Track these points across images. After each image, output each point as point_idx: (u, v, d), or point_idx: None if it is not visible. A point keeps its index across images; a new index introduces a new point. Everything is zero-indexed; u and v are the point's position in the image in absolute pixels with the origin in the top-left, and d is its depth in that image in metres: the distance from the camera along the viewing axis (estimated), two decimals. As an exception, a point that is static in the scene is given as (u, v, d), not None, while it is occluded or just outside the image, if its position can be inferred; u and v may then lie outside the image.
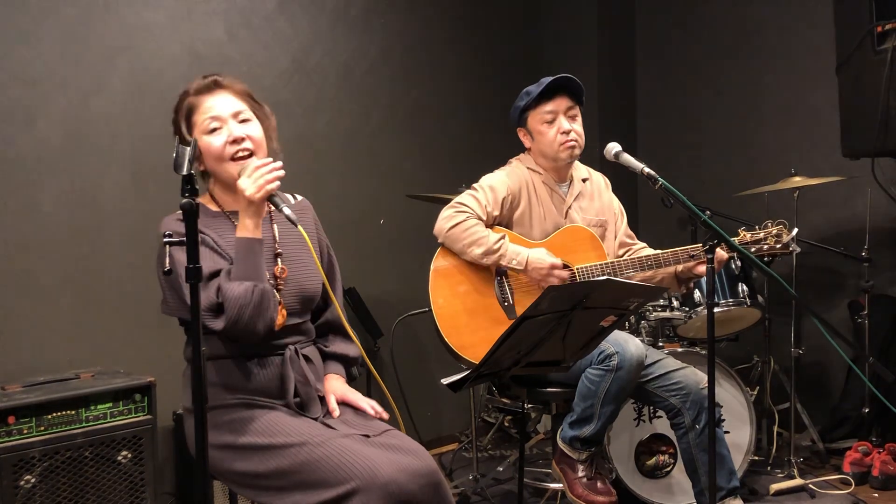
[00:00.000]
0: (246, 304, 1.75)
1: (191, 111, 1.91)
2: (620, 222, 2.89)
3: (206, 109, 1.90)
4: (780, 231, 2.50)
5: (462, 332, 2.61)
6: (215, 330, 1.77)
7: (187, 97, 1.93)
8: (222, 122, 1.90)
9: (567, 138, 2.71)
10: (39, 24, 2.79)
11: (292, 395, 1.88)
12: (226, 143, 1.88)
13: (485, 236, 2.61)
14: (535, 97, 2.72)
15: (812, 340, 3.79)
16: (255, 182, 1.78)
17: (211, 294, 1.77)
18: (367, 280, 3.65)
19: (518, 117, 2.81)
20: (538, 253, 2.61)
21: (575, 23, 4.51)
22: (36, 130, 2.78)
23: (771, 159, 4.03)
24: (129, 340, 2.96)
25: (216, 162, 1.90)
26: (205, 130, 1.89)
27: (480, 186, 2.73)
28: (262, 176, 1.79)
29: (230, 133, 1.89)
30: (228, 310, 1.75)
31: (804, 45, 3.94)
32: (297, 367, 1.91)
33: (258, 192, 1.78)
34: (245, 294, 1.75)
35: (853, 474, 3.28)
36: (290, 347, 1.92)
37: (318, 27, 3.59)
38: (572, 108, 2.75)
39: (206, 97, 1.91)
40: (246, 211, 1.81)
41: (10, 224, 2.73)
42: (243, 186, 1.79)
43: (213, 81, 1.93)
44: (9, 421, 2.26)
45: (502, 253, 2.60)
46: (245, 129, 1.91)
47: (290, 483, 1.73)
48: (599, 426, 2.52)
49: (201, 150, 1.88)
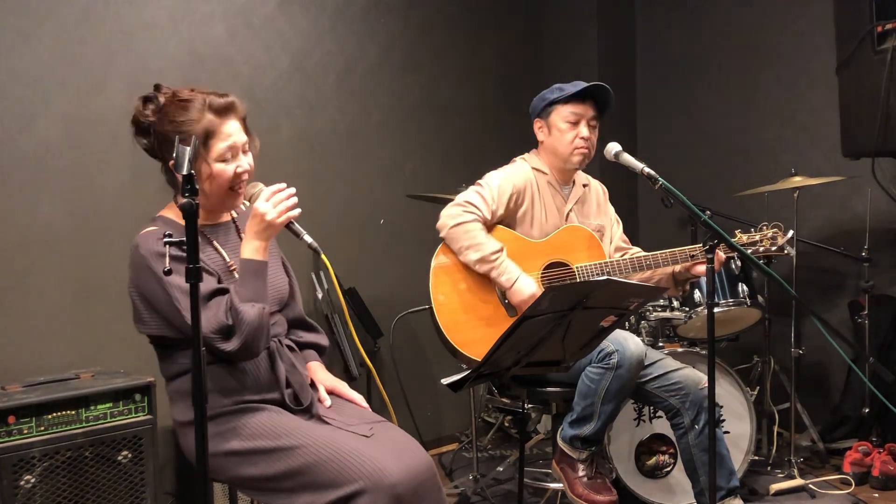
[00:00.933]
0: (259, 328, 1.80)
1: (211, 133, 1.87)
2: (616, 229, 2.92)
3: (225, 136, 1.88)
4: (776, 234, 2.51)
5: (462, 328, 2.62)
6: (226, 351, 1.78)
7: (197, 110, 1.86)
8: (236, 151, 1.91)
9: (583, 144, 2.74)
10: (39, 24, 2.78)
11: (285, 384, 1.93)
12: (234, 174, 1.91)
13: (484, 244, 2.61)
14: (567, 95, 2.73)
15: (812, 340, 3.79)
16: (277, 208, 1.83)
17: (220, 315, 1.78)
18: (366, 280, 3.65)
19: (542, 108, 2.80)
20: (526, 280, 2.61)
21: (575, 23, 4.51)
22: (36, 130, 2.78)
23: (771, 159, 4.03)
24: (129, 340, 2.93)
25: (220, 188, 1.91)
26: (220, 157, 1.88)
27: (487, 184, 2.73)
28: (282, 202, 1.84)
29: (240, 165, 1.91)
30: (244, 333, 1.77)
31: (804, 45, 3.94)
32: (285, 357, 1.98)
33: (279, 218, 1.83)
34: (258, 318, 1.79)
35: (853, 474, 3.28)
36: (274, 340, 1.97)
37: (318, 27, 3.59)
38: (595, 119, 2.77)
39: (224, 121, 1.89)
40: (261, 234, 1.85)
41: (10, 224, 2.72)
42: (263, 210, 1.82)
43: (231, 103, 1.91)
44: (9, 421, 2.26)
45: (495, 265, 2.61)
46: (249, 161, 1.94)
47: (299, 484, 1.76)
48: (599, 425, 2.52)
49: (212, 174, 1.88)
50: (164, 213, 2.00)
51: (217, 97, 1.90)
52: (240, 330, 1.77)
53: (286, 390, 1.93)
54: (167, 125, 1.87)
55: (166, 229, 1.71)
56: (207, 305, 1.78)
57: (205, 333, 1.73)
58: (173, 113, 1.87)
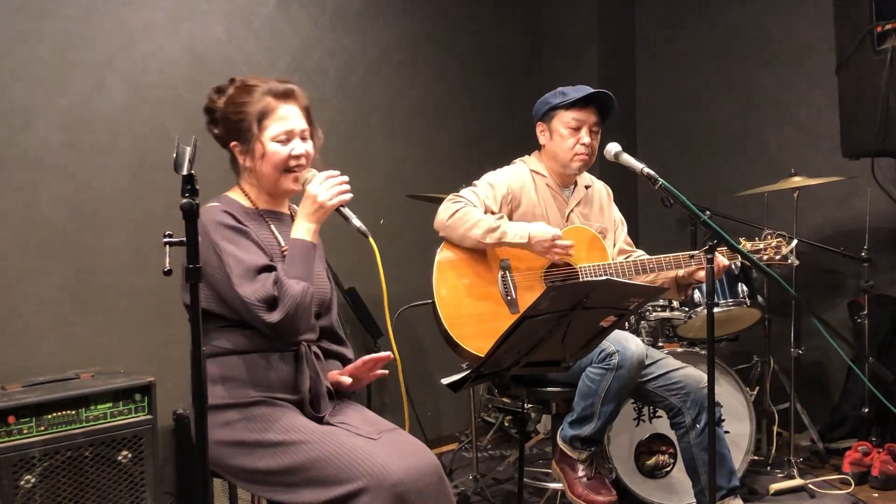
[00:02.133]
0: (301, 304, 1.84)
1: (265, 113, 1.95)
2: (621, 231, 2.91)
3: (282, 118, 1.96)
4: (780, 244, 2.52)
5: (464, 323, 2.62)
6: (269, 322, 1.82)
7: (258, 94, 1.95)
8: (292, 135, 1.97)
9: (584, 151, 2.73)
10: (39, 24, 2.79)
11: (307, 390, 1.94)
12: (289, 156, 1.95)
13: (482, 218, 2.61)
14: (571, 101, 2.72)
15: (812, 340, 3.79)
16: (329, 190, 1.91)
17: (268, 286, 1.83)
18: (366, 280, 3.65)
19: (544, 112, 2.79)
20: (539, 226, 2.60)
21: (575, 23, 4.51)
22: (36, 130, 2.78)
23: (771, 159, 4.03)
24: (129, 340, 2.96)
25: (273, 169, 1.96)
26: (275, 137, 1.95)
27: (480, 182, 2.75)
28: (335, 186, 1.92)
29: (295, 148, 1.96)
30: (287, 305, 1.82)
31: (804, 45, 3.94)
32: (311, 362, 1.98)
33: (331, 200, 1.91)
34: (302, 293, 1.85)
35: (853, 474, 3.28)
36: (304, 344, 1.97)
37: (318, 27, 3.59)
38: (597, 125, 2.77)
39: (282, 104, 1.97)
40: (312, 215, 1.92)
41: (10, 224, 2.73)
42: (315, 192, 1.90)
43: (290, 90, 1.99)
44: (9, 421, 2.26)
45: (504, 230, 2.58)
46: (306, 147, 1.99)
47: (300, 480, 1.77)
48: (599, 425, 2.52)
49: (265, 154, 1.95)
50: (229, 192, 2.05)
51: (279, 83, 1.99)
52: (283, 302, 1.82)
53: (307, 395, 1.94)
54: (230, 109, 1.97)
55: (226, 206, 1.92)
56: (256, 278, 1.84)
57: (251, 302, 1.81)
58: (237, 97, 1.97)
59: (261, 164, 1.96)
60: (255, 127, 1.94)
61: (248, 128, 1.94)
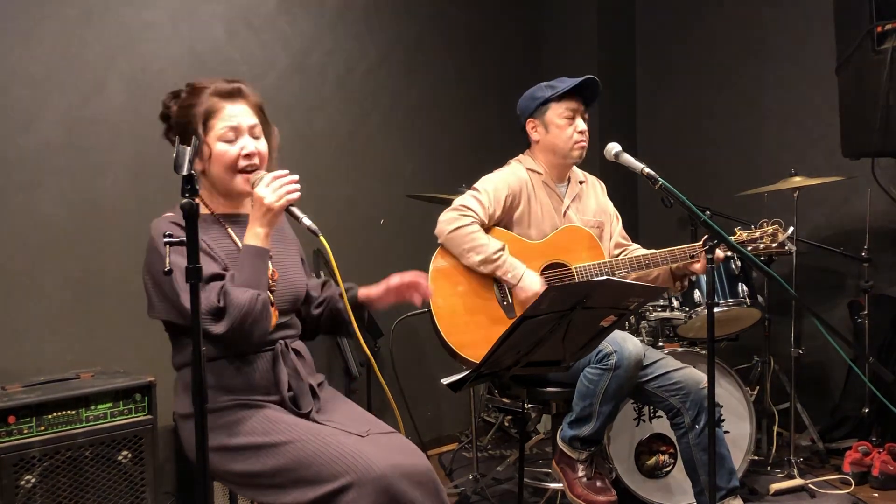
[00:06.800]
0: (249, 312, 1.77)
1: (210, 114, 1.91)
2: (616, 224, 2.92)
3: (228, 117, 1.92)
4: (776, 231, 2.51)
5: (461, 330, 2.62)
6: (215, 334, 1.77)
7: (205, 95, 1.92)
8: (240, 133, 1.92)
9: (582, 138, 2.76)
10: (39, 24, 2.79)
11: (286, 388, 1.91)
12: (239, 155, 1.91)
13: (485, 244, 2.62)
14: (563, 91, 2.73)
15: (812, 340, 3.78)
16: (276, 192, 1.83)
17: (212, 297, 1.77)
18: (366, 280, 3.62)
19: (535, 108, 2.80)
20: (532, 276, 2.62)
21: (575, 23, 4.51)
22: (36, 130, 2.78)
23: (771, 159, 4.03)
24: (129, 340, 2.95)
25: (224, 170, 1.92)
26: (221, 137, 1.91)
27: (482, 188, 2.74)
28: (282, 186, 1.84)
29: (245, 146, 1.92)
30: (232, 315, 1.76)
31: (804, 45, 3.94)
32: (289, 362, 1.95)
33: (278, 202, 1.82)
34: (250, 302, 1.77)
35: (853, 474, 3.28)
36: (281, 342, 1.95)
37: (318, 27, 3.59)
38: (586, 111, 2.80)
39: (227, 103, 1.93)
40: (261, 219, 1.84)
41: (10, 224, 2.73)
42: (262, 195, 1.82)
43: (237, 89, 1.95)
44: (9, 421, 2.26)
45: (499, 264, 2.62)
46: (257, 145, 1.94)
47: (287, 480, 1.76)
48: (598, 425, 2.52)
49: (212, 155, 1.91)
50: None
51: (225, 82, 1.95)
52: (229, 313, 1.76)
53: (287, 393, 1.91)
54: (180, 113, 1.94)
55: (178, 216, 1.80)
56: (205, 289, 1.77)
57: None
58: (186, 100, 1.94)
59: (210, 166, 1.92)
60: (200, 128, 1.89)
61: (196, 130, 1.89)
